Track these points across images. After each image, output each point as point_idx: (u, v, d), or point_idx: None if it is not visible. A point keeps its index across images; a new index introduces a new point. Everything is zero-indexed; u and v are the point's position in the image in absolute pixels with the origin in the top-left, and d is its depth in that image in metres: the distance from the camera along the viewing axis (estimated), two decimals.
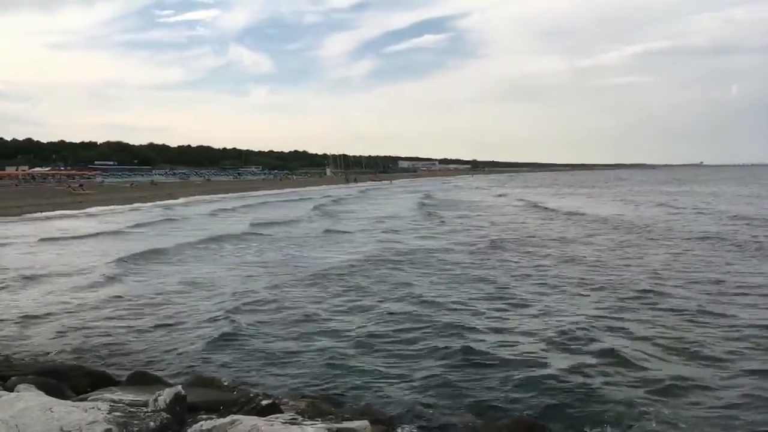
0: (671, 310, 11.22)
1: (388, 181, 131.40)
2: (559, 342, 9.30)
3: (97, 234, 26.95)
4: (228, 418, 4.94)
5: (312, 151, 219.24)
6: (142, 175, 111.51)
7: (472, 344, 9.13)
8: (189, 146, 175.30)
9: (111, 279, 15.48)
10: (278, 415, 5.38)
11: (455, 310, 11.58)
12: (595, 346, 8.99)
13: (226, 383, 7.44)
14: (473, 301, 12.31)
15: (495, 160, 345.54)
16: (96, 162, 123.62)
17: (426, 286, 13.96)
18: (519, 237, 23.88)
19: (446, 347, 9.06)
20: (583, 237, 23.71)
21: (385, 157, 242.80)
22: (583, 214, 34.44)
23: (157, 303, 12.68)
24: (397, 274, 15.85)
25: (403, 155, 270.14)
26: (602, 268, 16.14)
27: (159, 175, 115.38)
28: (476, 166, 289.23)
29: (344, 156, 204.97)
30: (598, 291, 13.16)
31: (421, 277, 15.24)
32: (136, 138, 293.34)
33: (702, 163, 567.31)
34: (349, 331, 10.20)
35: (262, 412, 5.61)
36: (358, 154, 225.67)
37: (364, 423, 5.05)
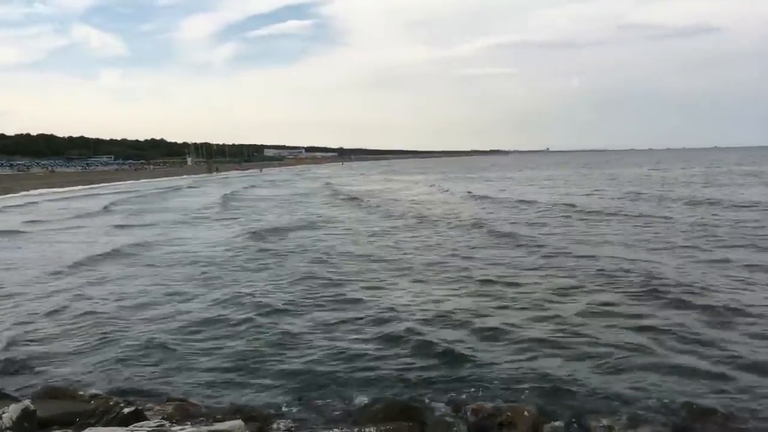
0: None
1: (258, 170, 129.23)
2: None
3: None
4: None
5: (171, 139, 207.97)
6: None
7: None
8: (28, 135, 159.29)
9: None
10: (143, 422, 5.09)
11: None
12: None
13: (81, 393, 6.90)
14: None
15: (363, 147, 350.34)
16: None
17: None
18: (287, 226, 24.57)
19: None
20: (354, 222, 25.45)
21: (250, 145, 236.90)
22: (382, 205, 34.98)
23: None
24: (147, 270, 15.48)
25: (268, 143, 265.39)
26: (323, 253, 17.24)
27: None
28: (343, 154, 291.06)
29: (206, 144, 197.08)
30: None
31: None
32: None
33: (548, 149, 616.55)
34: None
35: (125, 420, 5.29)
36: (221, 142, 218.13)
37: (237, 422, 4.93)
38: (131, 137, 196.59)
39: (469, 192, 43.34)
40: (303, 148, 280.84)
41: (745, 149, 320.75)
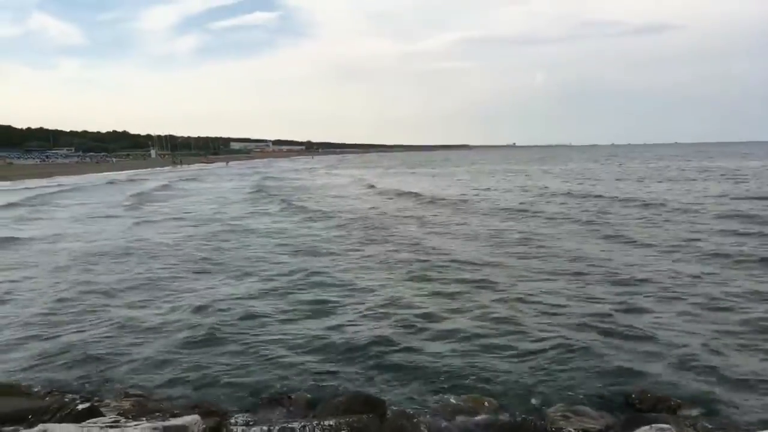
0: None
1: (225, 163, 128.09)
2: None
3: None
4: (37, 428, 4.50)
5: (134, 131, 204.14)
6: None
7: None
8: None
9: None
10: (97, 419, 4.99)
11: None
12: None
13: (36, 389, 6.73)
14: None
15: (330, 141, 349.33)
16: None
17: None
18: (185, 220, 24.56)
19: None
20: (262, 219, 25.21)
21: (216, 138, 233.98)
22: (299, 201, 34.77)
23: None
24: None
25: (234, 136, 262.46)
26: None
27: None
28: (310, 147, 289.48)
29: (171, 137, 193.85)
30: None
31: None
32: None
33: (515, 144, 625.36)
34: None
35: (79, 417, 5.17)
36: (186, 134, 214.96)
37: (194, 418, 4.87)
38: (92, 129, 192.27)
39: (396, 189, 42.25)
40: (270, 141, 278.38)
41: (703, 145, 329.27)
